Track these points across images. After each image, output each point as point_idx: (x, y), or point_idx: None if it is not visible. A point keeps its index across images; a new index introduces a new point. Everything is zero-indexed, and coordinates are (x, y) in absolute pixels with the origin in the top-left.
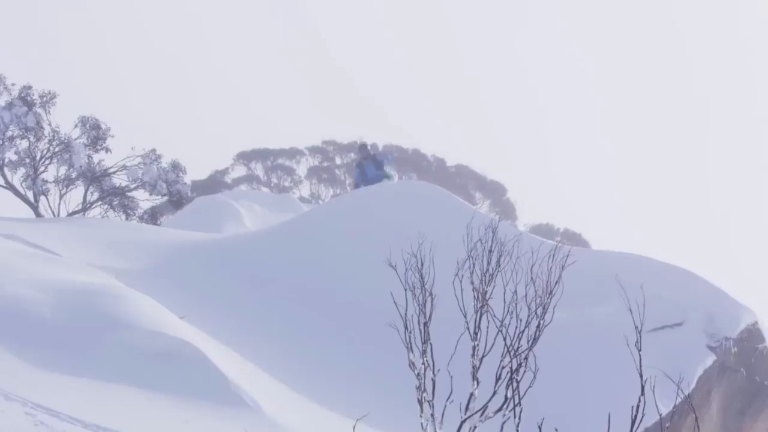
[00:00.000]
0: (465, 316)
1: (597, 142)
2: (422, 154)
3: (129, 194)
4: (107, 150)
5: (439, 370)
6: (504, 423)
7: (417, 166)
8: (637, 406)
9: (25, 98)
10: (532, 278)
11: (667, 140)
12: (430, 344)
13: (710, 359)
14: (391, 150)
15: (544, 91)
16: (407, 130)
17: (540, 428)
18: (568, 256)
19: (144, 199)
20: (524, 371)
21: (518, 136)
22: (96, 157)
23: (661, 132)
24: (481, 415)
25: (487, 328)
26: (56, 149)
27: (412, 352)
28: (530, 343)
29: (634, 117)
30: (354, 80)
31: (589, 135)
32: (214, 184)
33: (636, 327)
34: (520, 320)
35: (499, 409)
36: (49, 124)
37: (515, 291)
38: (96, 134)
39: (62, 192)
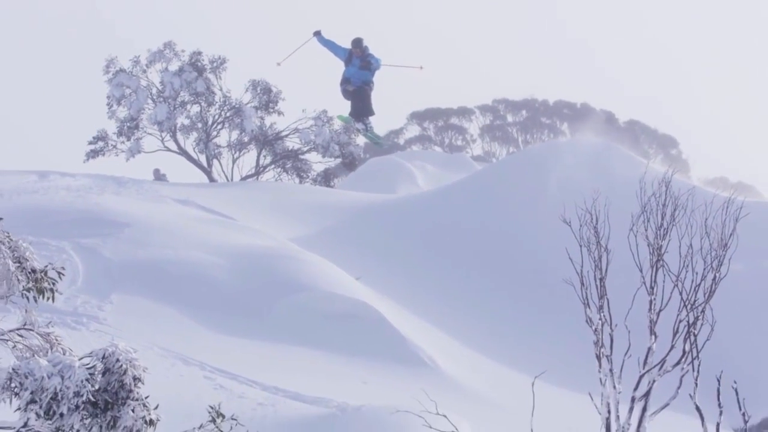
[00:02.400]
0: (641, 271)
1: None
2: (592, 109)
3: (302, 157)
4: (279, 113)
5: (616, 325)
6: (683, 376)
7: (587, 122)
8: None
9: (195, 64)
10: (706, 231)
11: None
12: (607, 299)
13: None
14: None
15: (714, 43)
16: (577, 86)
17: (719, 381)
18: (741, 208)
19: (317, 162)
20: (701, 324)
21: (689, 88)
22: (268, 120)
23: None
24: (660, 368)
25: (663, 282)
26: (227, 114)
27: (589, 307)
28: (706, 296)
29: None
30: (522, 36)
31: (764, 86)
32: (387, 144)
33: None
34: (696, 273)
35: (678, 363)
36: (220, 89)
37: (690, 244)
38: (267, 98)
39: (235, 156)
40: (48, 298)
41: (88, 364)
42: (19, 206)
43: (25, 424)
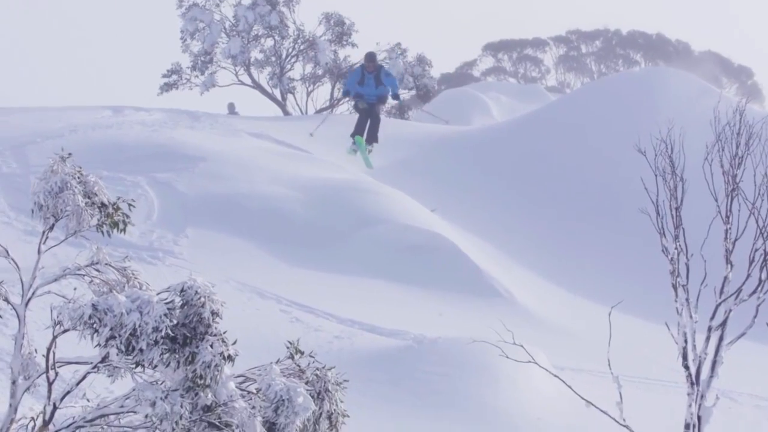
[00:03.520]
0: (716, 200)
1: None
2: (667, 39)
3: None
4: (353, 45)
5: (692, 255)
6: (759, 305)
7: (662, 52)
8: None
9: None
10: None
11: None
12: (683, 229)
13: None
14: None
15: None
16: (651, 16)
17: None
18: None
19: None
20: None
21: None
22: (341, 53)
23: None
24: (736, 298)
25: (739, 211)
26: (301, 47)
27: (665, 237)
28: None
29: None
30: None
31: None
32: (461, 76)
33: None
34: None
35: (754, 292)
36: (294, 22)
37: (765, 173)
38: (341, 30)
39: (309, 89)
40: (122, 231)
41: (166, 299)
42: (94, 141)
43: (103, 359)
